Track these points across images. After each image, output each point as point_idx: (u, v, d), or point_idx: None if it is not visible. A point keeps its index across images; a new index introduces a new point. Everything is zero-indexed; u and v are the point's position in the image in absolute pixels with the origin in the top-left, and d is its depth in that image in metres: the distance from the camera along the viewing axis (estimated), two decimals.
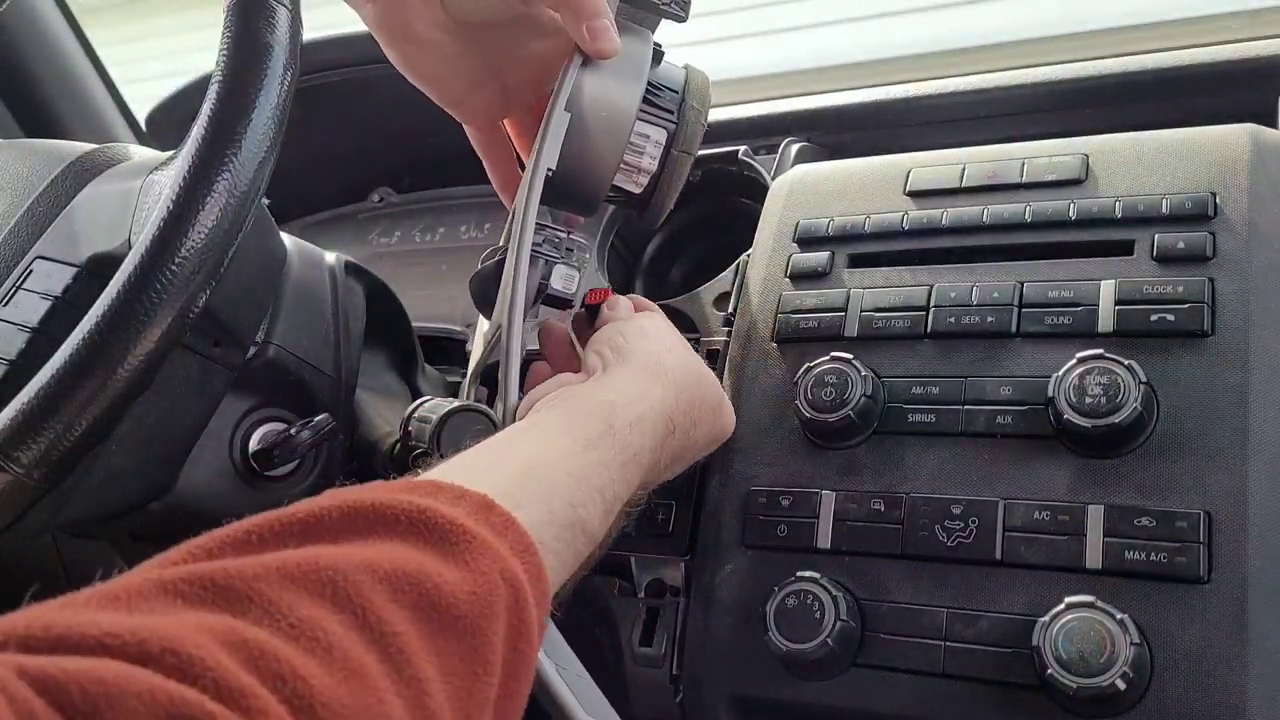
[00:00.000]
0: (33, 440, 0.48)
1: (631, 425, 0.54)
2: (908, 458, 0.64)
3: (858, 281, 0.71)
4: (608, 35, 0.59)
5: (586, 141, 0.61)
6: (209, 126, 0.49)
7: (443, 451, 0.58)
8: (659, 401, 0.57)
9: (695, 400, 0.61)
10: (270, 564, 0.35)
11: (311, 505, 0.38)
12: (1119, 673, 0.52)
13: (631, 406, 0.55)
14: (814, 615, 0.60)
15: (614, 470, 0.52)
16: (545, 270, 0.62)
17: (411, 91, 0.64)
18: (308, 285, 0.76)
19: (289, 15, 0.52)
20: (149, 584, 0.33)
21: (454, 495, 0.42)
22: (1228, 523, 0.55)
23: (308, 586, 0.34)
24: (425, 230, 1.10)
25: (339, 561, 0.35)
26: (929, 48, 1.07)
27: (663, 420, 0.57)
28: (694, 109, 0.64)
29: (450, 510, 0.40)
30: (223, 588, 0.33)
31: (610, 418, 0.53)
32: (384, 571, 0.36)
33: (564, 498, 0.48)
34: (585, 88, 0.60)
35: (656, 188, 0.64)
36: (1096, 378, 0.58)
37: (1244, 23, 0.89)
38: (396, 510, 0.39)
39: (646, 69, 0.62)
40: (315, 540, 0.37)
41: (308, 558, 0.35)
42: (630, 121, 0.62)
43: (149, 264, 0.48)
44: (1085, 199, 0.67)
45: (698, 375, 0.62)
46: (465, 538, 0.39)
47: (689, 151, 0.64)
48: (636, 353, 0.59)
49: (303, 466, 0.75)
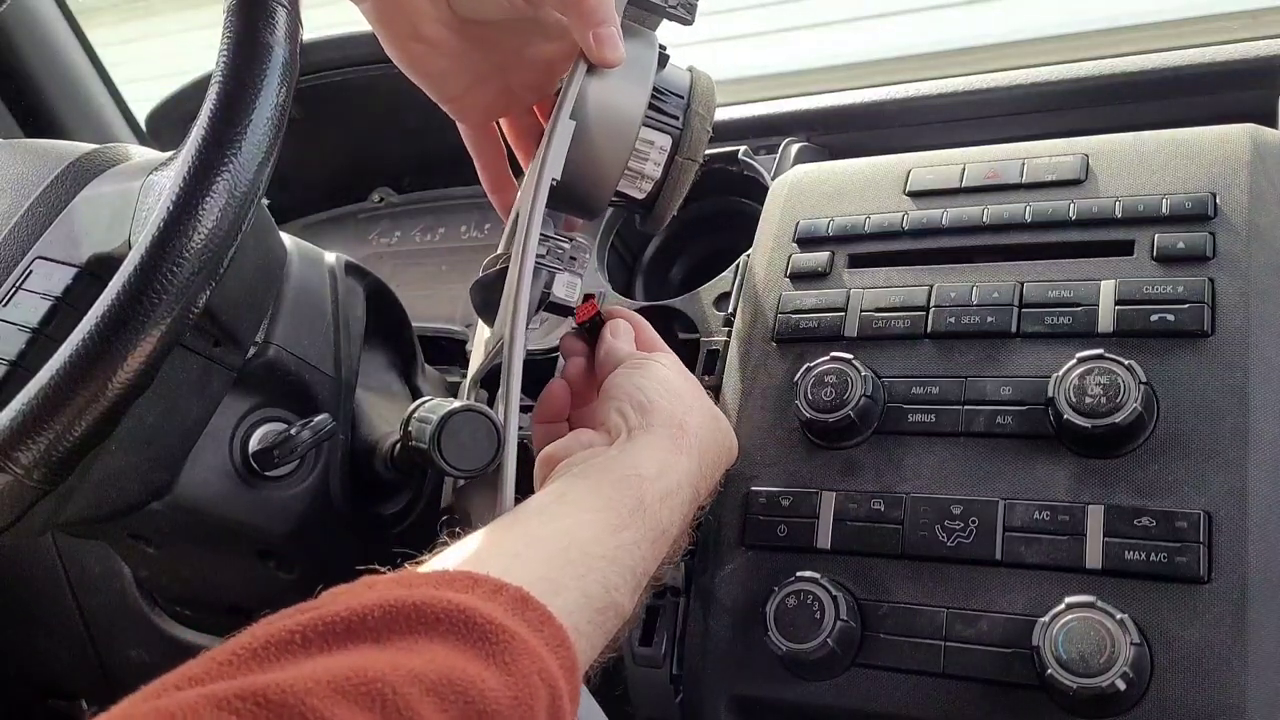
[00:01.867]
0: (32, 441, 0.48)
1: (661, 500, 0.54)
2: (908, 458, 0.64)
3: (858, 281, 0.71)
4: (614, 43, 0.58)
5: (591, 148, 0.60)
6: (209, 127, 0.49)
7: (443, 452, 0.58)
8: (685, 473, 0.57)
9: (713, 459, 0.61)
10: (321, 677, 0.35)
11: (353, 602, 0.39)
12: (1119, 673, 0.52)
13: (660, 481, 0.55)
14: (814, 615, 0.60)
15: (644, 548, 0.52)
16: (547, 279, 0.61)
17: (412, 92, 0.64)
18: (308, 285, 0.76)
19: (289, 15, 0.51)
20: (203, 703, 0.33)
21: (491, 589, 0.43)
22: (1228, 523, 0.55)
23: (359, 700, 0.35)
24: (425, 230, 1.10)
25: (387, 673, 0.36)
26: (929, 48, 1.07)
27: (689, 491, 0.57)
28: (699, 115, 0.63)
29: (489, 608, 0.41)
30: (276, 704, 0.33)
31: (641, 493, 0.53)
32: (430, 682, 0.37)
33: (599, 581, 0.49)
34: (590, 94, 0.60)
35: (660, 193, 0.64)
36: (1096, 378, 0.58)
37: (1244, 23, 0.89)
38: (437, 610, 0.40)
39: (652, 74, 0.62)
40: (359, 640, 0.38)
41: (356, 669, 0.36)
42: (635, 128, 0.61)
43: (149, 265, 0.48)
44: (1085, 199, 0.67)
45: (713, 429, 0.62)
46: (505, 637, 0.40)
47: (694, 158, 0.64)
48: (660, 416, 0.58)
49: (303, 466, 0.75)
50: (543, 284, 0.61)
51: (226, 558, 0.80)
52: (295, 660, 0.37)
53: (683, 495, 0.56)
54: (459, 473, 0.58)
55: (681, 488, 0.56)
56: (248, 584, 0.83)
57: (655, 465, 0.55)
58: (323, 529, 0.76)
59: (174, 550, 0.82)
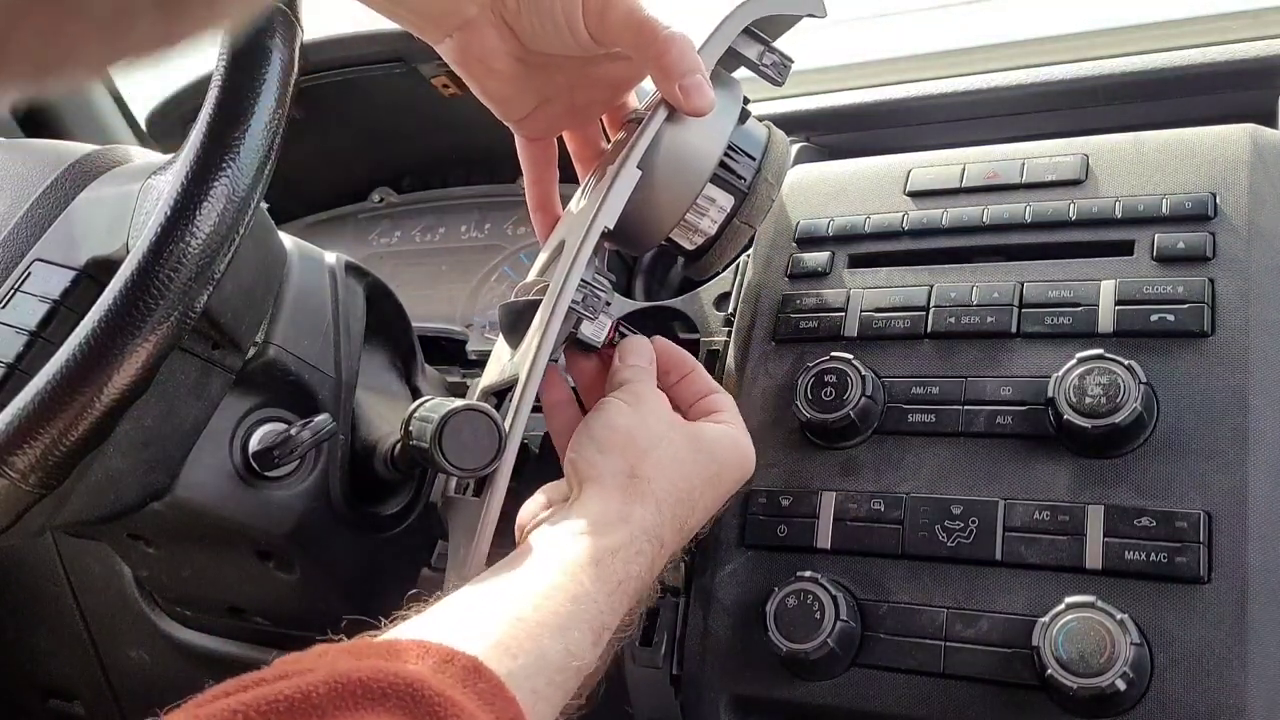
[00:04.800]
0: (29, 445, 0.48)
1: (614, 555, 0.53)
2: (908, 458, 0.64)
3: (858, 281, 0.71)
4: (703, 92, 0.56)
5: (651, 195, 0.58)
6: (208, 130, 0.49)
7: (445, 451, 0.58)
8: (639, 524, 0.55)
9: (680, 497, 0.57)
10: None
11: (300, 682, 0.39)
12: (1119, 673, 0.52)
13: (611, 535, 0.54)
14: (814, 615, 0.60)
15: (601, 602, 0.52)
16: (575, 320, 0.60)
17: (412, 92, 0.64)
18: (308, 286, 0.76)
19: (289, 17, 0.51)
20: None
21: (442, 659, 0.43)
22: (1228, 523, 0.55)
23: None
24: (425, 230, 1.10)
25: None
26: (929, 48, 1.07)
27: (648, 543, 0.55)
28: (767, 182, 0.61)
29: (438, 680, 0.41)
30: None
31: (594, 550, 0.53)
32: None
33: (556, 641, 0.48)
34: (663, 141, 0.58)
35: (711, 249, 0.62)
36: (1096, 378, 0.58)
37: (1244, 23, 0.89)
38: (384, 685, 0.39)
39: (730, 127, 0.60)
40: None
41: None
42: (702, 184, 0.59)
43: (147, 268, 0.48)
44: (1085, 199, 0.67)
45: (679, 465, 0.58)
46: (453, 713, 0.40)
47: (751, 224, 0.62)
48: (609, 465, 0.56)
49: (303, 466, 0.75)
50: (571, 324, 0.60)
51: (226, 558, 0.80)
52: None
53: (639, 546, 0.54)
54: (460, 472, 0.58)
55: (636, 539, 0.54)
56: (247, 584, 0.83)
57: (604, 518, 0.54)
58: (323, 529, 0.76)
59: (174, 550, 0.82)
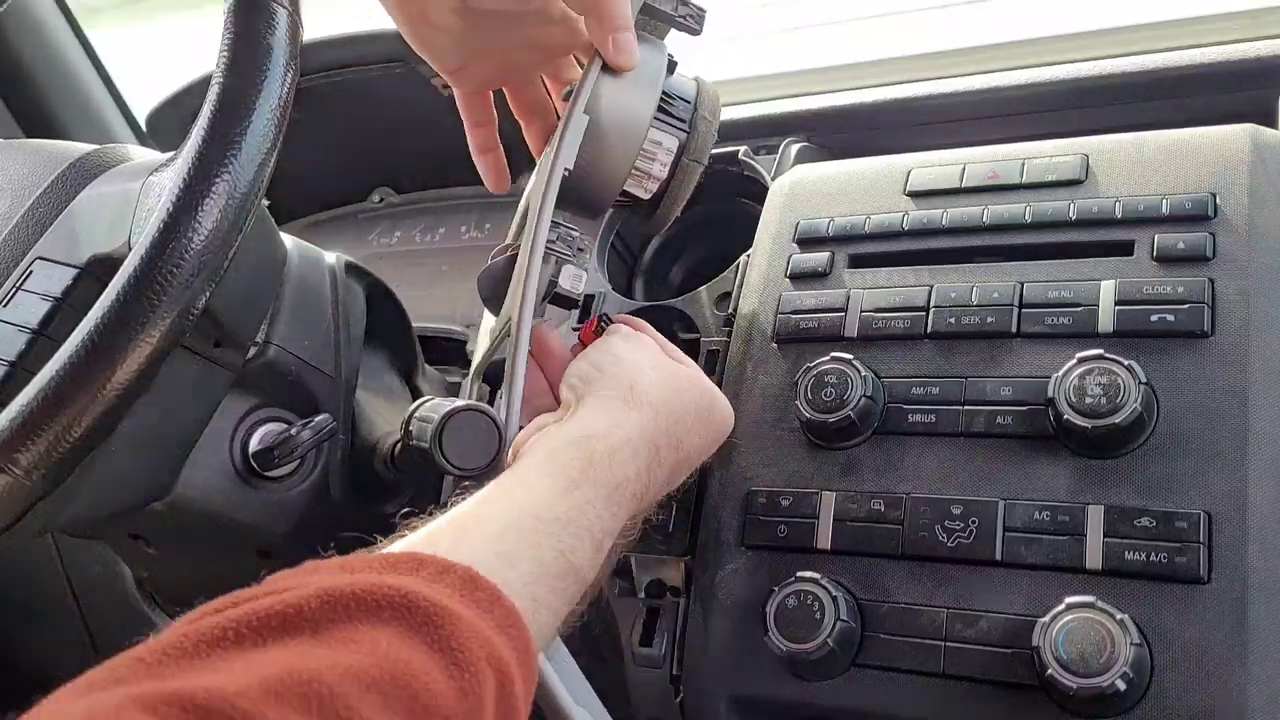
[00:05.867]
0: (32, 442, 0.48)
1: (611, 455, 0.53)
2: (908, 458, 0.64)
3: (858, 282, 0.71)
4: (630, 48, 0.61)
5: (601, 145, 0.62)
6: (209, 128, 0.49)
7: (445, 451, 0.58)
8: (636, 427, 0.56)
9: (676, 416, 0.59)
10: (254, 678, 0.33)
11: (290, 596, 0.37)
12: (1119, 673, 0.52)
13: (609, 437, 0.54)
14: (814, 615, 0.60)
15: (599, 506, 0.52)
16: (556, 269, 0.62)
17: (412, 92, 0.65)
18: (308, 286, 0.76)
19: (289, 16, 0.52)
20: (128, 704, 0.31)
21: (438, 570, 0.42)
22: (1228, 523, 0.55)
23: (293, 701, 0.33)
24: (425, 230, 1.10)
25: (324, 672, 0.34)
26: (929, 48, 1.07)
27: (644, 446, 0.56)
28: (705, 119, 0.65)
29: (434, 591, 0.40)
30: (205, 709, 0.31)
31: (588, 451, 0.53)
32: (371, 678, 0.35)
33: (554, 546, 0.48)
34: (603, 94, 0.62)
35: (665, 194, 0.65)
36: (1096, 378, 0.58)
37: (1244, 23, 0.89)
38: (379, 596, 0.38)
39: (662, 79, 0.64)
40: (296, 634, 0.36)
41: (290, 670, 0.34)
42: (645, 128, 0.63)
43: (149, 266, 0.48)
44: (1085, 199, 0.67)
45: (675, 388, 0.60)
46: (451, 623, 0.39)
47: (699, 160, 0.65)
48: (607, 381, 0.58)
49: (303, 466, 0.75)
50: (551, 271, 0.62)
51: (226, 558, 0.80)
52: (227, 659, 0.35)
53: (634, 448, 0.55)
54: (461, 472, 0.58)
55: (632, 441, 0.55)
56: (248, 584, 0.83)
57: (602, 423, 0.55)
58: (323, 529, 0.76)
59: (174, 550, 0.82)
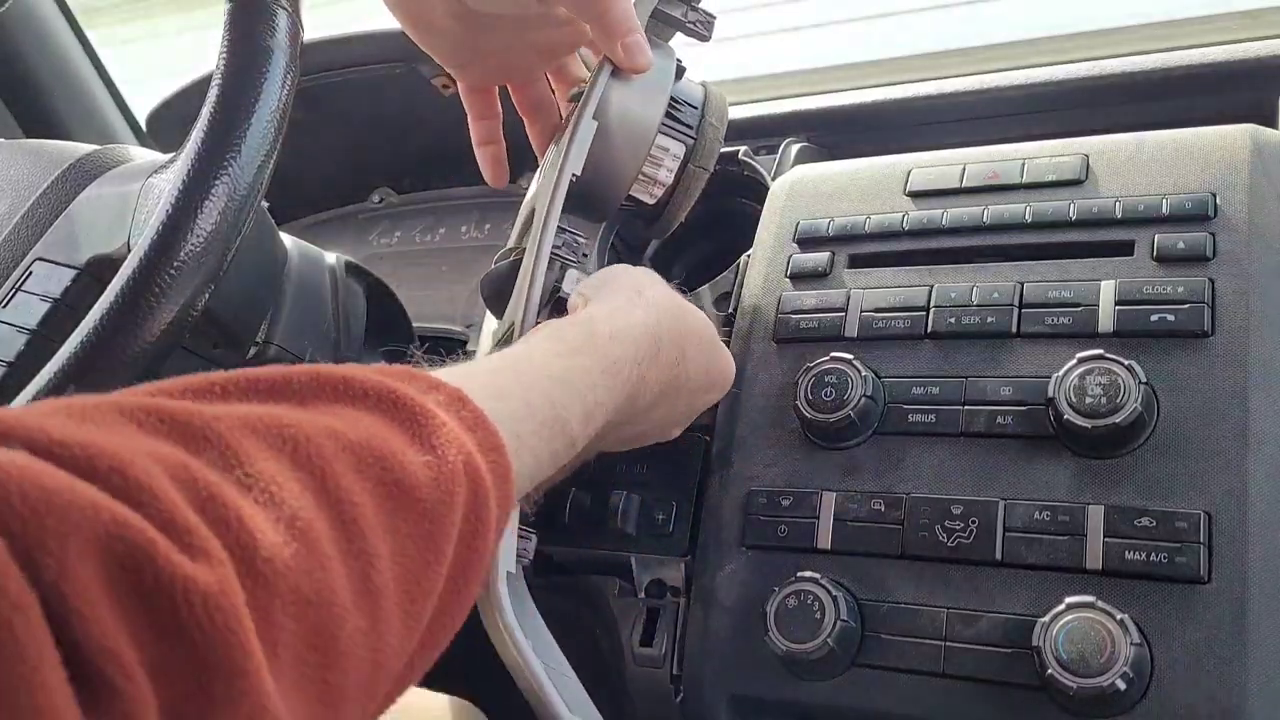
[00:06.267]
0: None
1: (612, 336, 0.53)
2: (908, 458, 0.64)
3: (858, 282, 0.71)
4: (642, 51, 0.61)
5: (609, 150, 0.62)
6: (209, 129, 0.49)
7: None
8: (641, 320, 0.56)
9: (682, 327, 0.59)
10: (233, 410, 0.33)
11: (281, 368, 0.37)
12: (1119, 673, 0.52)
13: (611, 320, 0.54)
14: (814, 615, 0.60)
15: (595, 375, 0.51)
16: (560, 274, 0.62)
17: (412, 92, 0.65)
18: (308, 286, 0.76)
19: (289, 17, 0.52)
20: (106, 404, 0.31)
21: (428, 385, 0.41)
22: (1228, 523, 0.55)
23: (268, 439, 0.33)
24: (425, 230, 1.10)
25: (304, 424, 0.34)
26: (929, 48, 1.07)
27: (645, 338, 0.55)
28: (712, 126, 0.65)
29: (420, 396, 0.39)
30: (181, 424, 0.32)
31: (591, 328, 0.53)
32: (349, 441, 0.35)
33: (545, 394, 0.48)
34: (611, 99, 0.62)
35: (670, 200, 0.66)
36: (1096, 378, 0.58)
37: (1244, 23, 0.90)
38: (365, 385, 0.38)
39: (670, 84, 0.64)
40: (281, 399, 0.36)
41: (271, 413, 0.34)
42: (652, 134, 0.63)
43: (148, 267, 0.48)
44: (1085, 199, 0.67)
45: (682, 305, 0.60)
46: (433, 422, 0.38)
47: (705, 167, 0.66)
48: (616, 285, 0.58)
49: None
50: (554, 276, 0.62)
51: None
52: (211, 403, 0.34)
53: (635, 337, 0.55)
54: None
55: (634, 329, 0.55)
56: None
57: (605, 310, 0.55)
58: None
59: None
